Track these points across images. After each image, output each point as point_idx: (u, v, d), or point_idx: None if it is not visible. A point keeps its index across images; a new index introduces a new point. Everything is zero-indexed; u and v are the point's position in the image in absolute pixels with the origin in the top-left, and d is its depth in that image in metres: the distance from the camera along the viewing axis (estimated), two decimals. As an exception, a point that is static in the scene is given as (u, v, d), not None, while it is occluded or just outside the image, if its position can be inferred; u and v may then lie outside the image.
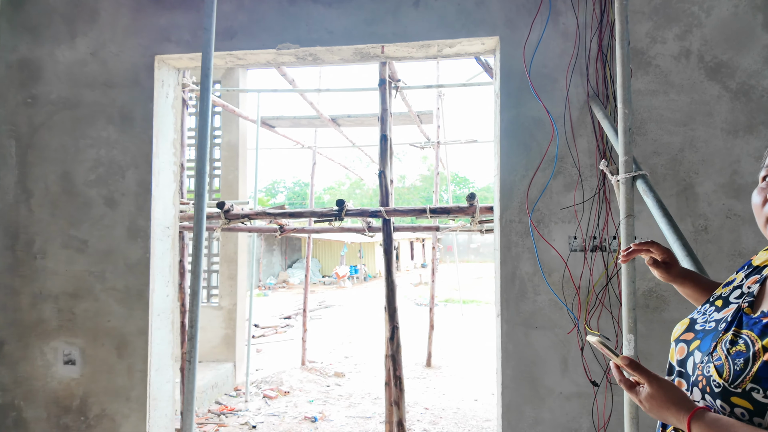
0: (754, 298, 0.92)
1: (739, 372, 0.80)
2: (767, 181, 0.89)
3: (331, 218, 3.17)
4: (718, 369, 0.83)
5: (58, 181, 2.91)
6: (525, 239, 2.51)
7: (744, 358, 0.81)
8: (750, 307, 0.91)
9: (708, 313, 0.98)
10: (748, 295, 0.94)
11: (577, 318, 2.42)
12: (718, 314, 0.95)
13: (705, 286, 1.19)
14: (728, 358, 0.83)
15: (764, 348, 0.79)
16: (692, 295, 1.21)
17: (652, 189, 1.77)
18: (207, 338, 6.44)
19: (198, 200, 1.97)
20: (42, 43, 2.93)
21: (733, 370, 0.81)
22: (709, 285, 1.19)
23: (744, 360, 0.80)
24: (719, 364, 0.84)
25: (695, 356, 0.91)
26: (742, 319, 0.89)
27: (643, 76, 2.44)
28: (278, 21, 2.74)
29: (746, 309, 0.90)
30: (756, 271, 0.98)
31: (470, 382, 6.37)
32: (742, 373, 0.79)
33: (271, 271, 22.09)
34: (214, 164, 6.57)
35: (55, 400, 2.88)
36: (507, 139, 2.55)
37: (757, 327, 0.84)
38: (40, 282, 2.90)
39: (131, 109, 2.85)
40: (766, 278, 0.94)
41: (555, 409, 2.45)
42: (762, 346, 0.80)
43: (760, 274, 0.96)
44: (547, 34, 2.50)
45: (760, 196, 0.88)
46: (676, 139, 2.41)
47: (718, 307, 0.97)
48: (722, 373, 0.82)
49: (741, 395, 0.78)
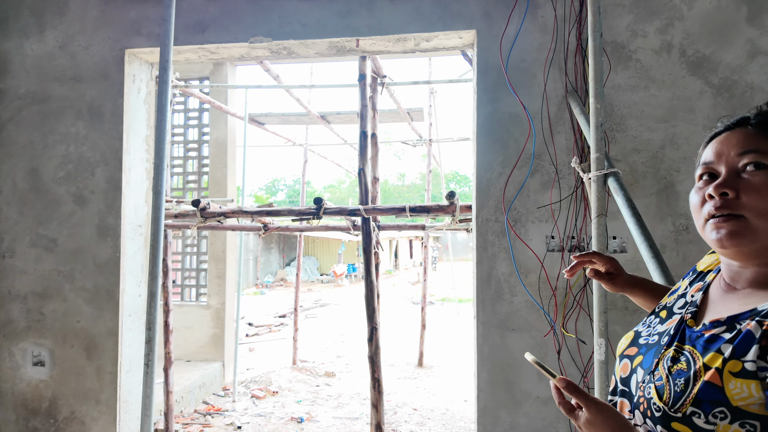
0: (697, 308, 0.84)
1: (679, 394, 0.71)
2: (704, 179, 0.80)
3: (308, 216, 3.10)
4: (659, 390, 0.75)
5: (26, 178, 2.84)
6: (501, 239, 2.44)
7: (685, 377, 0.72)
8: (693, 319, 0.82)
9: (652, 325, 0.90)
10: (691, 304, 0.86)
11: (554, 320, 2.35)
12: (662, 326, 0.86)
13: (658, 294, 1.11)
14: (669, 378, 0.75)
15: (705, 366, 0.71)
16: (645, 304, 1.14)
17: (623, 187, 1.69)
18: (195, 337, 6.38)
19: (155, 198, 1.90)
20: (10, 36, 2.86)
21: (674, 391, 0.72)
22: (662, 292, 1.11)
23: (685, 380, 0.72)
24: (660, 384, 0.76)
25: (638, 374, 0.83)
26: (684, 333, 0.81)
27: (624, 70, 2.36)
28: (250, 13, 2.66)
29: (689, 321, 0.82)
30: (700, 278, 0.91)
31: (461, 382, 6.30)
32: (683, 395, 0.71)
33: (269, 269, 22.03)
34: (203, 161, 6.51)
35: (24, 402, 2.82)
36: (483, 136, 2.47)
37: (699, 342, 0.76)
38: (9, 282, 2.84)
39: (101, 104, 2.78)
40: (708, 285, 0.86)
41: (531, 414, 2.38)
42: (703, 363, 0.71)
43: (703, 281, 0.89)
44: (525, 28, 2.42)
45: (697, 196, 0.80)
46: (657, 136, 2.33)
47: (662, 319, 0.89)
48: (662, 395, 0.74)
49: (681, 420, 0.70)
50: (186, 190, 6.56)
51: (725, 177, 0.76)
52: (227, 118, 6.28)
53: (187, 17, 2.71)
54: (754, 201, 0.72)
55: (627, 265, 2.33)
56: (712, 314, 0.80)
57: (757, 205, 0.71)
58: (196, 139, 6.49)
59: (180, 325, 6.31)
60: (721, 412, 0.66)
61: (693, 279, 0.92)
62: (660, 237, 2.30)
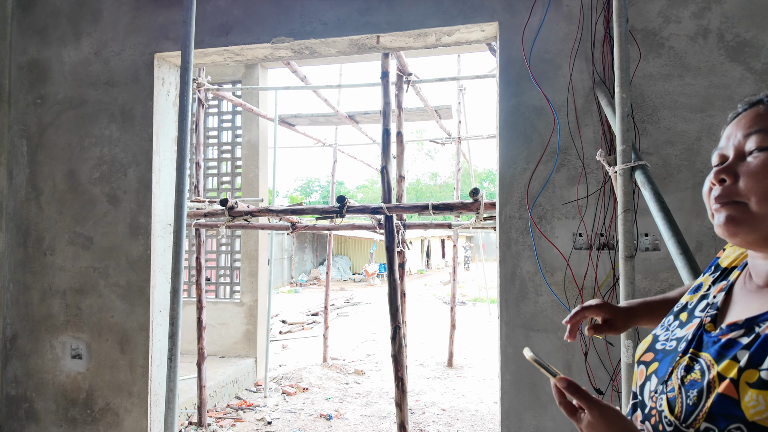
0: (717, 311, 0.76)
1: (692, 408, 0.66)
2: (716, 166, 0.74)
3: (332, 215, 3.11)
4: (671, 403, 0.70)
5: (64, 179, 2.98)
6: (525, 236, 2.36)
7: (698, 389, 0.67)
8: (713, 323, 0.75)
9: (671, 328, 0.83)
10: (711, 306, 0.78)
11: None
12: (681, 331, 0.80)
13: (664, 310, 0.99)
14: (682, 389, 0.69)
15: (720, 376, 0.64)
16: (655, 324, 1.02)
17: (651, 180, 1.60)
18: (229, 334, 6.55)
19: (178, 196, 1.95)
20: (49, 44, 3.01)
21: (686, 404, 0.67)
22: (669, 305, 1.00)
23: (698, 392, 0.66)
24: (672, 396, 0.70)
25: (651, 382, 0.77)
26: (702, 338, 0.74)
27: (655, 59, 2.24)
28: (272, 14, 2.69)
29: (708, 325, 0.75)
30: (723, 276, 0.83)
31: (491, 383, 6.19)
32: (696, 408, 0.65)
33: (303, 268, 22.38)
34: (236, 163, 6.67)
35: (63, 393, 2.96)
36: (506, 130, 2.41)
37: (714, 348, 0.69)
38: (49, 278, 2.99)
39: (132, 107, 2.89)
40: (732, 285, 0.79)
41: (558, 418, 2.30)
42: (717, 373, 0.65)
43: (726, 280, 0.81)
44: (549, 18, 2.34)
45: (707, 184, 0.75)
46: (693, 127, 2.20)
47: (682, 322, 0.82)
48: (674, 408, 0.69)
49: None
50: (220, 190, 6.74)
51: (729, 162, 0.71)
52: (259, 120, 6.41)
53: (212, 20, 2.77)
54: (752, 185, 0.67)
55: (660, 264, 2.22)
56: (732, 316, 0.73)
57: (755, 190, 0.66)
58: (230, 141, 6.66)
59: (215, 322, 6.49)
60: (738, 428, 0.60)
61: (716, 277, 0.84)
62: (696, 234, 2.17)
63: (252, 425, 4.96)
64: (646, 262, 2.22)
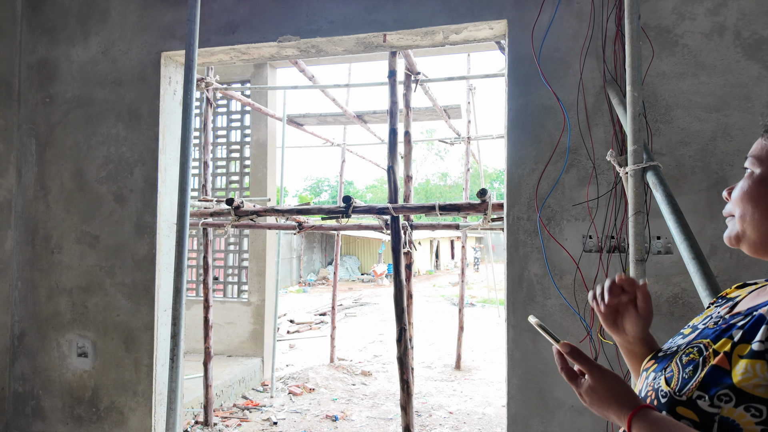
0: (720, 318, 0.81)
1: (687, 380, 0.71)
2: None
3: (338, 215, 3.08)
4: (668, 380, 0.74)
5: (72, 177, 2.99)
6: (534, 238, 2.32)
7: (694, 365, 0.72)
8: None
9: (674, 340, 0.88)
10: (716, 317, 0.83)
11: (590, 325, 2.20)
12: (682, 339, 0.84)
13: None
14: (679, 368, 0.74)
15: (715, 352, 0.70)
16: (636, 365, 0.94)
17: (663, 182, 1.55)
18: (236, 333, 6.55)
19: (180, 195, 1.93)
20: (58, 43, 3.02)
21: (682, 378, 0.72)
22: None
23: (693, 367, 0.71)
24: (670, 375, 0.75)
25: (649, 378, 0.81)
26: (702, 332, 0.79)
27: (669, 57, 2.18)
28: (278, 12, 2.67)
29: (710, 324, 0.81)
30: (726, 301, 0.88)
31: (499, 387, 6.12)
32: (690, 380, 0.70)
33: (311, 268, 22.42)
34: (245, 162, 6.68)
35: (70, 390, 2.97)
36: (515, 130, 2.36)
37: (714, 334, 0.74)
38: (56, 276, 3.00)
39: (139, 106, 2.89)
40: (736, 303, 0.84)
41: (565, 424, 2.25)
42: (713, 350, 0.70)
43: (732, 301, 0.86)
44: (559, 15, 2.29)
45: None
46: (708, 127, 2.14)
47: (684, 335, 0.86)
48: (671, 382, 0.73)
49: (686, 404, 0.68)
50: (229, 190, 6.76)
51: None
52: (267, 119, 6.41)
53: (218, 18, 2.76)
54: (734, 204, 0.77)
55: (673, 268, 2.15)
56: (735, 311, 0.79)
57: (735, 208, 0.77)
58: (238, 141, 6.67)
59: (222, 321, 6.51)
60: (726, 394, 0.65)
61: (722, 303, 0.88)
62: (711, 237, 2.11)
63: (258, 425, 4.95)
64: (658, 266, 2.16)
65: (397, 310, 3.00)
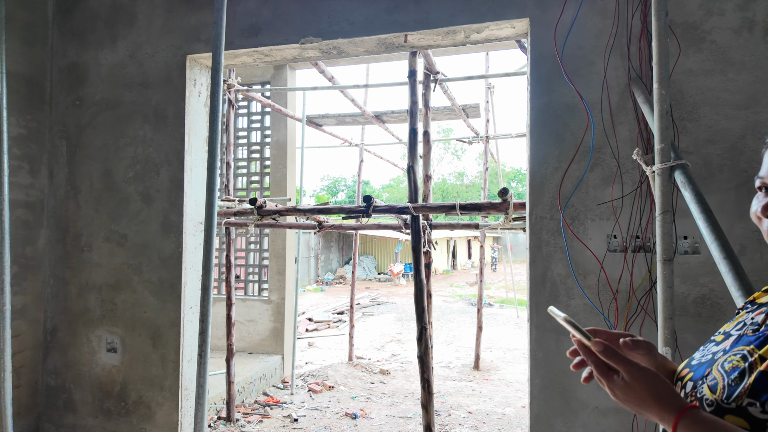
0: (758, 326, 0.79)
1: (734, 387, 0.69)
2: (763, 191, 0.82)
3: (358, 214, 3.11)
4: (711, 388, 0.73)
5: (101, 178, 3.07)
6: (557, 237, 2.30)
7: (739, 371, 0.70)
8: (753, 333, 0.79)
9: (707, 347, 0.86)
10: (751, 324, 0.81)
11: (614, 326, 2.18)
12: (717, 347, 0.83)
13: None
14: (723, 376, 0.73)
15: (762, 357, 0.69)
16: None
17: (692, 181, 1.53)
18: (257, 330, 6.64)
19: (208, 195, 1.98)
20: (87, 47, 3.11)
21: (728, 385, 0.70)
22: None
23: (739, 373, 0.70)
24: (713, 383, 0.73)
25: (686, 387, 0.79)
26: (741, 340, 0.78)
27: (696, 53, 2.14)
28: (300, 14, 2.71)
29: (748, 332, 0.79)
30: (760, 307, 0.86)
31: (518, 387, 6.08)
32: (737, 387, 0.69)
33: (329, 267, 22.56)
34: (265, 163, 6.76)
35: (99, 385, 3.06)
36: (537, 129, 2.35)
37: (758, 341, 0.74)
38: (86, 273, 3.09)
39: (165, 108, 2.95)
40: None
41: (589, 425, 2.23)
42: (759, 355, 0.70)
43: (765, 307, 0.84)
44: (582, 13, 2.27)
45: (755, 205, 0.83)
46: (736, 125, 2.10)
47: (717, 342, 0.85)
48: (715, 390, 0.72)
49: (736, 412, 0.67)
50: (249, 190, 6.85)
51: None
52: (287, 120, 6.48)
53: (242, 21, 2.81)
54: None
55: (701, 269, 2.12)
56: None
57: None
58: (259, 142, 6.76)
59: (243, 319, 6.60)
60: None
61: (752, 309, 0.86)
62: (739, 237, 2.07)
63: (278, 422, 5.02)
64: (684, 266, 2.12)
65: (417, 309, 3.01)
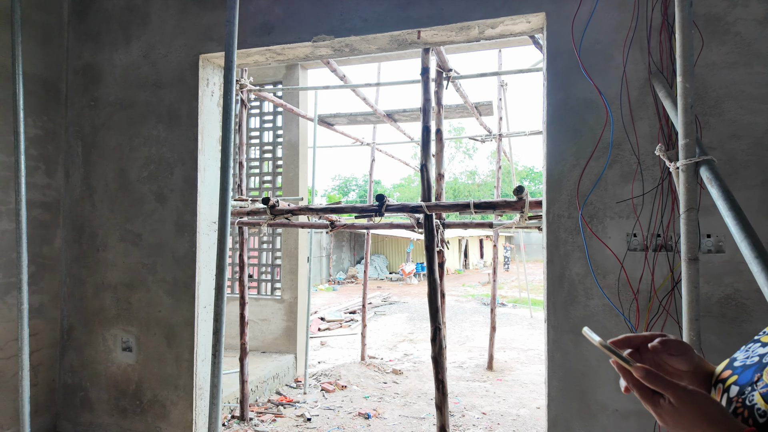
0: None
1: None
2: None
3: (371, 213, 3.08)
4: (765, 396, 0.66)
5: (116, 177, 3.09)
6: (575, 236, 2.25)
7: None
8: None
9: (751, 349, 0.80)
10: None
11: (635, 327, 2.13)
12: (763, 349, 0.77)
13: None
14: None
15: None
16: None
17: (719, 177, 1.48)
18: (270, 330, 6.66)
19: (222, 194, 1.97)
20: (102, 48, 3.13)
21: None
22: None
23: None
24: (765, 391, 0.67)
25: (730, 392, 0.73)
26: None
27: (719, 46, 2.08)
28: (312, 12, 2.69)
29: None
30: None
31: (533, 388, 6.01)
32: None
33: (340, 267, 22.60)
34: (277, 162, 6.77)
35: (115, 383, 3.08)
36: (554, 125, 2.30)
37: None
38: (102, 273, 3.11)
39: (178, 107, 2.96)
40: None
41: (609, 429, 2.18)
42: None
43: None
44: (600, 6, 2.22)
45: None
46: (762, 119, 2.03)
47: (764, 343, 0.79)
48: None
49: None
50: (262, 189, 6.87)
51: None
52: (299, 120, 6.48)
53: (254, 20, 2.80)
54: None
55: (724, 267, 2.06)
56: None
57: None
58: (271, 141, 6.77)
59: (257, 318, 6.63)
60: None
61: None
62: (766, 235, 2.00)
63: (292, 421, 5.02)
64: (708, 265, 2.06)
65: (431, 309, 2.97)
